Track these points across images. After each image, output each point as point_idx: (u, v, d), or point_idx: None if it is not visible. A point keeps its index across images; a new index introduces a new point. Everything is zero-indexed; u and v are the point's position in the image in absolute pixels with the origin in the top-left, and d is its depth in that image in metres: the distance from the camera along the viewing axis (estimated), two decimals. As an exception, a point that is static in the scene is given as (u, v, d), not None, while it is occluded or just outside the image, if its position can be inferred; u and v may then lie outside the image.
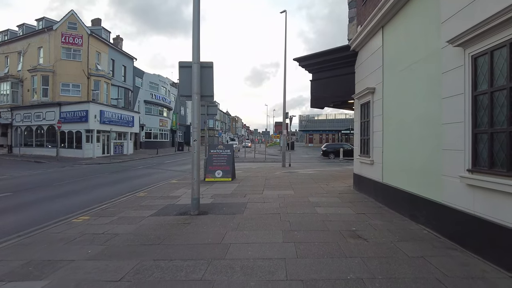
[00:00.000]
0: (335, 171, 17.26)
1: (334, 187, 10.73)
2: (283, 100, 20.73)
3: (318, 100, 11.05)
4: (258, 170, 17.43)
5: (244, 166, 21.99)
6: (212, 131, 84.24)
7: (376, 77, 8.10)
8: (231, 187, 10.80)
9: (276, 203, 8.01)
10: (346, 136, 68.59)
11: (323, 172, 16.08)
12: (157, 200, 8.82)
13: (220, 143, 79.06)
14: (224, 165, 12.81)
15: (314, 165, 24.40)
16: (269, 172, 16.15)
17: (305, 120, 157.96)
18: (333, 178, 13.22)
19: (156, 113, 48.55)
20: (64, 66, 30.73)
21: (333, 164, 25.57)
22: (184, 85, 7.16)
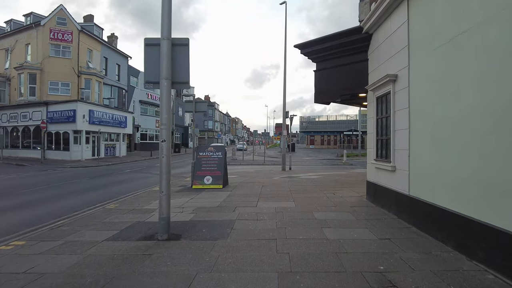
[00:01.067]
0: (341, 175, 15.54)
1: (343, 197, 9.01)
2: (283, 98, 19.04)
3: (323, 94, 9.34)
4: (255, 175, 15.73)
5: (241, 169, 20.30)
6: (211, 132, 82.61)
7: (399, 61, 6.41)
8: (221, 197, 9.09)
9: (272, 221, 6.29)
10: (349, 137, 66.85)
11: (327, 177, 14.36)
12: (126, 214, 7.12)
13: (222, 145, 76.19)
14: (215, 170, 11.11)
15: (316, 168, 22.69)
16: (267, 177, 14.45)
17: (305, 122, 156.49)
18: (340, 185, 11.50)
19: (152, 114, 46.94)
20: (53, 63, 29.12)
21: (337, 167, 23.86)
22: (150, 68, 5.46)
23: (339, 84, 8.94)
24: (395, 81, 6.57)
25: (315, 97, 9.47)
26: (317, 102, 9.51)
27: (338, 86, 8.95)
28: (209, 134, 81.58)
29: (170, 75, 5.33)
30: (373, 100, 7.84)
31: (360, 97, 9.23)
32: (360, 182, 12.31)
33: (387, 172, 7.02)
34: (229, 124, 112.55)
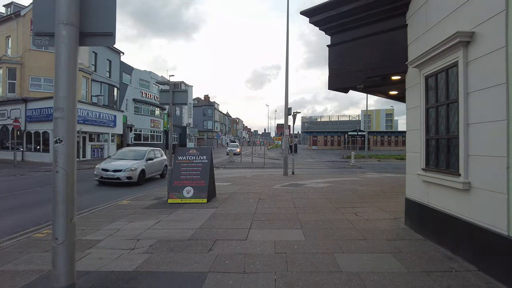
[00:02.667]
0: (354, 182, 13.01)
1: (370, 220, 6.47)
2: (285, 91, 16.52)
3: (341, 77, 6.80)
4: (252, 181, 13.20)
5: (237, 173, 17.80)
6: (211, 132, 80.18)
7: (479, 8, 3.88)
8: (199, 219, 6.57)
9: (268, 276, 3.75)
10: (353, 138, 64.31)
11: (338, 185, 11.83)
12: (44, 253, 4.61)
13: (223, 145, 68.12)
14: (197, 178, 8.60)
15: (322, 172, 20.16)
16: (266, 185, 11.93)
17: (307, 122, 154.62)
18: (359, 198, 8.96)
19: (147, 113, 44.51)
20: (35, 57, 26.70)
21: (345, 170, 21.33)
22: (40, 10, 2.96)
23: (363, 63, 6.41)
24: (470, 43, 4.04)
25: (330, 82, 6.92)
26: (333, 88, 6.96)
27: (362, 66, 6.41)
28: (208, 134, 79.21)
29: (77, 19, 2.82)
30: (420, 81, 5.31)
31: (393, 80, 6.68)
32: (382, 194, 9.77)
33: (450, 190, 4.48)
34: (229, 124, 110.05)
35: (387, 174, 18.60)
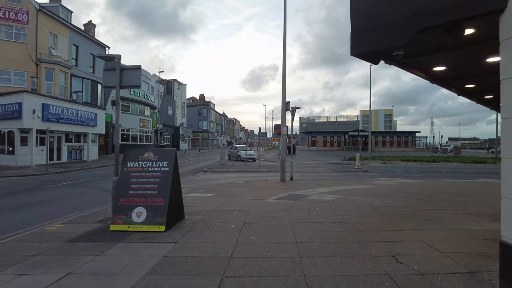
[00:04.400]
0: (367, 192, 10.34)
1: (425, 273, 3.77)
2: (283, 80, 13.87)
3: (373, 33, 4.10)
4: (241, 191, 10.48)
5: (226, 179, 15.11)
6: (206, 133, 77.37)
7: None
8: (135, 272, 3.87)
9: None
10: (354, 138, 61.73)
11: (351, 197, 9.16)
12: None
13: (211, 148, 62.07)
14: (153, 195, 5.88)
15: (325, 177, 17.49)
16: (258, 197, 9.24)
17: (305, 122, 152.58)
18: (388, 222, 6.26)
19: (136, 112, 41.71)
20: (4, 48, 23.92)
21: (350, 175, 18.66)
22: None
23: (414, 3, 3.73)
24: None
25: (354, 42, 4.22)
26: (357, 52, 4.24)
27: (413, 8, 3.73)
28: (203, 135, 76.39)
29: None
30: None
31: (465, 37, 3.96)
32: (415, 213, 7.08)
33: None
34: (226, 125, 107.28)
35: (400, 179, 15.95)
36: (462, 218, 6.43)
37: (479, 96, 8.28)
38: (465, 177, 18.17)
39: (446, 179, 16.94)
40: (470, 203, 8.47)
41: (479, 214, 6.84)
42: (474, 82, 6.54)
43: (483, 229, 5.60)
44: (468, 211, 7.22)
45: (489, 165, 29.04)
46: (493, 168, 26.86)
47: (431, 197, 9.47)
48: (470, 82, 6.48)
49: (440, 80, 6.30)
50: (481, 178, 17.74)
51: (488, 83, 6.33)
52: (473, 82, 6.52)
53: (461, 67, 5.47)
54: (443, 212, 7.11)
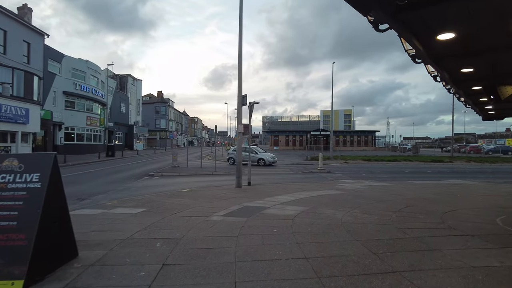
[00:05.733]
0: (335, 200, 8.67)
1: None
2: (239, 70, 11.93)
3: None
4: (184, 203, 8.34)
5: (173, 186, 12.86)
6: (164, 132, 73.54)
7: None
8: None
9: None
10: (315, 138, 61.37)
11: (318, 210, 7.41)
12: None
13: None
14: (9, 228, 3.62)
15: (287, 179, 15.81)
16: (201, 213, 7.20)
17: (268, 122, 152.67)
18: (371, 254, 4.50)
19: (82, 109, 37.76)
20: None
21: (313, 177, 17.13)
22: None
23: None
24: None
25: None
26: None
27: None
28: (161, 134, 72.62)
29: None
30: None
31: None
32: (403, 237, 5.39)
33: None
34: (186, 124, 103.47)
35: (367, 182, 14.64)
36: (465, 244, 4.83)
37: (469, 86, 6.86)
38: (431, 178, 17.37)
39: (413, 180, 15.94)
40: (459, 214, 7.04)
41: (481, 235, 5.31)
42: (481, 64, 5.02)
43: (505, 264, 4.00)
44: (465, 229, 5.70)
45: (448, 164, 29.21)
46: (452, 167, 26.91)
47: (411, 207, 7.97)
48: (475, 62, 4.95)
49: (438, 57, 4.67)
50: (446, 178, 17.03)
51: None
52: (480, 63, 4.99)
53: (478, 37, 3.84)
54: (436, 232, 5.51)
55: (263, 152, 26.66)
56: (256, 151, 26.15)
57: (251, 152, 25.86)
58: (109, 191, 11.64)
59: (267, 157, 25.36)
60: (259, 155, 25.48)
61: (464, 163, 30.15)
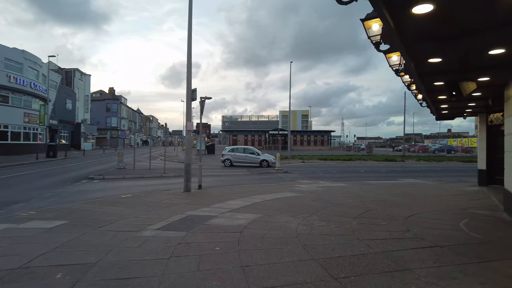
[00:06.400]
0: (291, 203, 7.89)
1: None
2: (188, 57, 10.77)
3: None
4: (115, 213, 7.04)
5: (110, 191, 11.34)
6: (115, 131, 69.41)
7: None
8: None
9: None
10: (274, 137, 61.33)
11: (271, 217, 6.56)
12: None
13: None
14: None
15: (242, 180, 14.89)
16: (135, 223, 6.02)
17: (228, 121, 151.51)
18: (332, 281, 3.68)
19: (19, 104, 34.00)
20: None
21: (270, 177, 16.41)
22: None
23: None
24: None
25: None
26: None
27: None
28: (112, 133, 68.41)
29: None
30: None
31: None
32: (364, 246, 4.66)
33: None
34: (140, 122, 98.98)
35: (324, 182, 14.16)
36: (438, 259, 4.18)
37: (433, 80, 6.36)
38: (385, 177, 17.40)
39: (369, 180, 15.77)
40: (421, 219, 6.53)
41: (450, 245, 4.73)
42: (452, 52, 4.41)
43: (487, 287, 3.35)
44: (432, 238, 5.11)
45: (400, 163, 30.11)
46: (404, 166, 27.76)
47: (371, 211, 7.39)
48: (446, 50, 4.33)
49: (409, 39, 3.95)
50: (401, 178, 17.13)
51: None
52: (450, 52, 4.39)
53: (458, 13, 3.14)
54: (403, 243, 4.85)
55: (264, 154, 25.20)
56: (257, 152, 24.73)
57: (253, 153, 24.53)
58: (33, 199, 9.91)
59: (270, 158, 23.81)
60: (261, 157, 23.81)
61: (414, 162, 31.28)
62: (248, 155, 23.91)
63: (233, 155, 23.74)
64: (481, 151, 12.87)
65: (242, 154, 24.03)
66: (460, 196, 9.91)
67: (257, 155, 23.89)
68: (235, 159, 23.57)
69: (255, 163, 23.34)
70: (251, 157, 23.78)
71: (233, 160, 23.45)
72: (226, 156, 23.74)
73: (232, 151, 24.35)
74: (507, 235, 5.27)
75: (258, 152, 24.62)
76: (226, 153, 24.07)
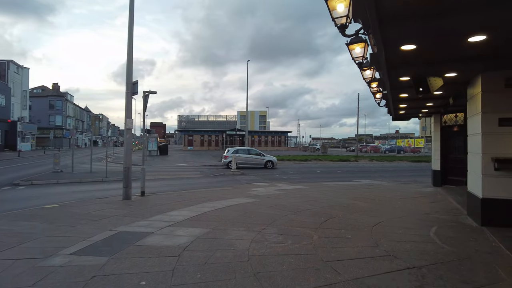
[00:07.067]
0: (245, 212, 6.95)
1: None
2: (128, 43, 9.34)
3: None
4: (22, 232, 5.59)
5: (34, 201, 9.56)
6: (60, 130, 64.03)
7: None
8: None
9: None
10: (232, 138, 60.19)
11: (219, 235, 5.54)
12: None
13: None
14: None
15: (195, 184, 13.68)
16: (42, 246, 4.67)
17: (184, 121, 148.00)
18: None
19: None
20: None
21: (226, 180, 15.39)
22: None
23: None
24: None
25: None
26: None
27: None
28: (56, 132, 62.98)
29: None
30: None
31: None
32: (329, 270, 3.80)
33: None
34: (89, 121, 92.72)
35: (281, 185, 13.43)
36: (420, 287, 3.41)
37: (401, 74, 5.74)
38: (342, 178, 17.11)
39: (327, 181, 15.32)
40: (388, 229, 5.87)
41: (428, 265, 4.01)
42: (429, 36, 3.71)
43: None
44: (406, 256, 4.37)
45: (354, 163, 30.57)
46: (358, 166, 28.10)
47: (333, 220, 6.64)
48: (424, 33, 3.62)
49: (386, 14, 3.16)
50: (357, 178, 16.96)
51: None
52: (427, 36, 3.68)
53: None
54: (375, 265, 4.06)
55: (267, 155, 24.81)
56: (262, 153, 24.55)
57: (258, 154, 24.18)
58: None
59: (274, 159, 24.01)
60: (266, 157, 23.73)
61: (368, 162, 31.93)
62: (253, 156, 23.79)
63: (237, 156, 22.65)
64: (435, 151, 12.85)
65: (247, 155, 23.71)
66: (420, 199, 9.58)
67: (262, 156, 23.88)
68: (239, 161, 22.54)
69: (260, 164, 23.36)
70: (256, 158, 23.67)
71: (238, 162, 22.09)
72: (230, 158, 22.23)
73: (236, 153, 23.51)
74: (482, 247, 4.73)
75: (262, 153, 24.60)
76: (230, 155, 22.96)
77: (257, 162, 23.49)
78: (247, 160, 23.38)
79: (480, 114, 5.95)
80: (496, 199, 5.69)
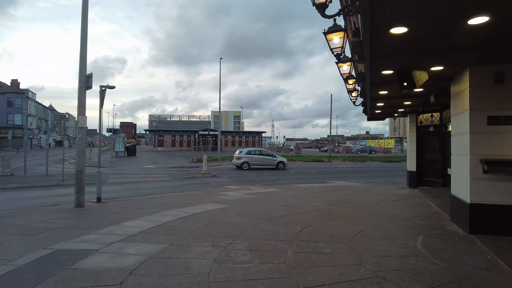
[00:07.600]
0: (212, 221, 6.14)
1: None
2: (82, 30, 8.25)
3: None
4: None
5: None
6: (19, 130, 59.98)
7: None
8: None
9: None
10: (204, 138, 58.81)
11: (176, 253, 4.71)
12: None
13: None
14: None
15: (161, 188, 12.62)
16: None
17: (156, 121, 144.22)
18: None
19: None
20: None
21: (195, 182, 14.46)
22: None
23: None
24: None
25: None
26: None
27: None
28: (16, 132, 58.95)
29: None
30: None
31: None
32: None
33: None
34: (54, 120, 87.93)
35: (253, 187, 12.75)
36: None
37: (384, 66, 5.14)
38: (316, 180, 16.63)
39: (300, 183, 14.77)
40: (372, 241, 5.24)
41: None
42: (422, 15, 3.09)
43: None
44: (395, 276, 3.75)
45: (327, 164, 30.47)
46: (332, 166, 27.97)
47: (309, 229, 5.95)
48: (416, 16, 3.00)
49: None
50: (331, 179, 16.53)
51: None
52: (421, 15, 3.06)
53: None
54: None
55: (278, 156, 25.28)
56: (274, 154, 25.25)
57: (270, 155, 24.31)
58: None
59: (285, 160, 24.57)
60: (278, 158, 24.19)
61: (341, 162, 31.92)
62: (265, 157, 24.03)
63: (250, 157, 23.27)
64: (411, 152, 12.55)
65: (260, 157, 23.90)
66: (398, 202, 9.13)
67: (274, 157, 24.29)
68: (252, 162, 23.08)
69: (272, 165, 23.55)
70: (268, 159, 23.83)
71: (251, 163, 22.93)
72: (244, 159, 23.00)
73: (249, 154, 23.84)
74: (478, 262, 4.18)
75: (274, 154, 25.29)
76: (243, 156, 23.35)
77: (269, 163, 23.70)
78: (260, 161, 23.57)
79: (467, 112, 5.46)
80: (485, 205, 5.21)
